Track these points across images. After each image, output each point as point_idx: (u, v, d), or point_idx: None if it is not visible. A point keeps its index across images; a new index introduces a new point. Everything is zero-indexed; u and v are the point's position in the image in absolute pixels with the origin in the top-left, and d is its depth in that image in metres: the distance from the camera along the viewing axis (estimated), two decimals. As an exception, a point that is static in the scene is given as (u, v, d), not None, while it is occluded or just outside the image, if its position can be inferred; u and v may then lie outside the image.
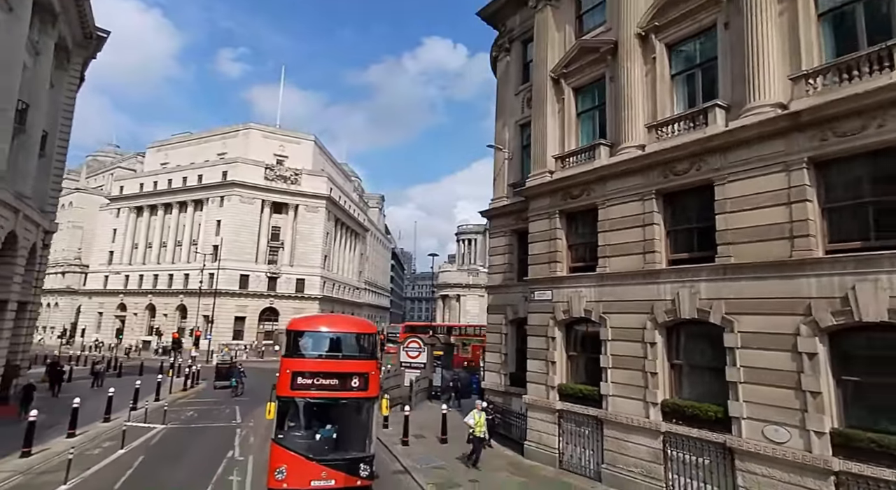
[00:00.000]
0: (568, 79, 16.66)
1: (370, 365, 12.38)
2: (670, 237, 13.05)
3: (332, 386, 11.75)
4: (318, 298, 68.62)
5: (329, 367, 11.90)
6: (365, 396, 12.04)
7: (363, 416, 12.17)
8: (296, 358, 12.06)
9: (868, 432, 9.00)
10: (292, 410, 11.84)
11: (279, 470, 11.04)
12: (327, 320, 14.91)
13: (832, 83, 10.12)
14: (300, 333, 12.55)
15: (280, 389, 11.67)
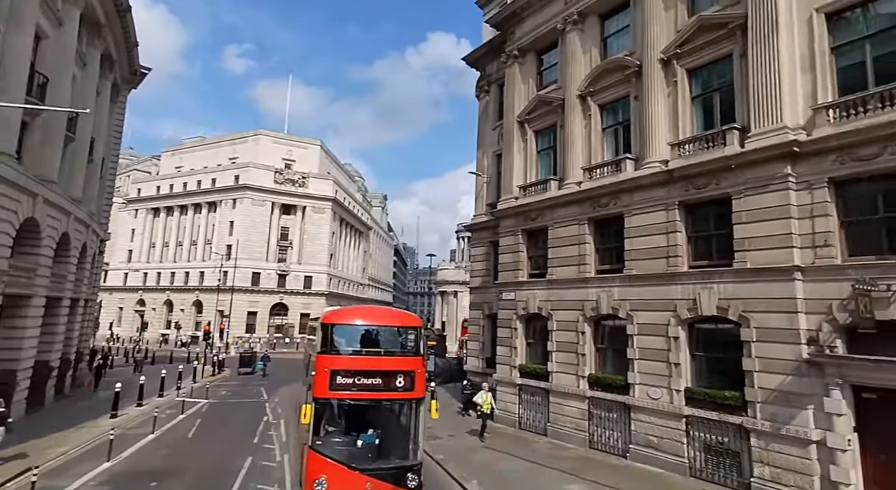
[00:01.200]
0: (530, 123, 21.06)
1: (416, 362, 11.08)
2: (598, 253, 17.48)
3: (375, 386, 10.50)
4: (325, 294, 73.20)
5: (372, 366, 10.63)
6: (412, 397, 10.82)
7: (409, 419, 11.03)
8: (333, 355, 10.71)
9: (704, 389, 13.50)
10: (330, 414, 10.79)
11: (318, 482, 9.83)
12: (367, 313, 13.12)
13: (696, 150, 14.52)
14: (337, 327, 11.16)
15: (317, 390, 10.30)
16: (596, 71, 18.13)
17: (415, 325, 11.94)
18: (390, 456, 10.94)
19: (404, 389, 10.71)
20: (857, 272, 10.91)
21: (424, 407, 11.02)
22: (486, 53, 24.77)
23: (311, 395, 10.40)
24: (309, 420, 10.17)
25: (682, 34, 15.43)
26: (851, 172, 11.50)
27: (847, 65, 12.22)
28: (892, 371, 10.34)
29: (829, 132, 11.79)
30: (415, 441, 10.89)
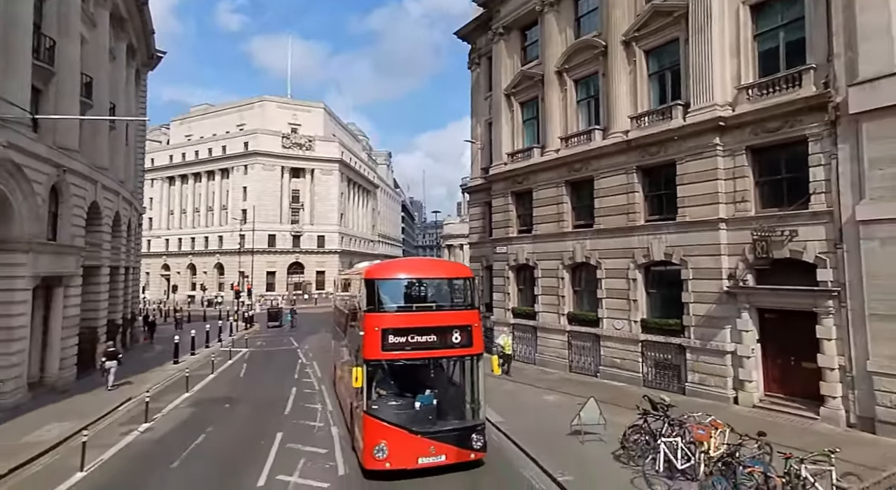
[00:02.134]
0: (515, 96, 23.58)
1: (472, 316, 10.58)
2: (574, 211, 20.51)
3: (430, 343, 10.00)
4: (338, 252, 77.15)
5: (426, 322, 10.13)
6: (470, 353, 10.37)
7: (469, 376, 10.62)
8: (383, 313, 10.11)
9: (655, 319, 16.91)
10: (383, 375, 10.47)
11: (378, 448, 9.39)
12: (412, 265, 12.72)
13: (650, 122, 17.23)
14: (383, 283, 10.60)
15: (368, 351, 9.82)
16: (570, 49, 20.50)
17: (466, 276, 11.25)
18: (451, 417, 10.42)
19: (462, 346, 10.18)
20: (763, 222, 13.96)
21: (481, 363, 10.49)
22: (475, 28, 26.85)
23: (362, 356, 9.84)
24: (361, 383, 9.61)
25: (639, 19, 17.77)
26: (763, 141, 14.31)
27: (766, 50, 14.74)
28: (784, 296, 13.60)
29: (747, 109, 14.51)
30: (476, 400, 10.44)
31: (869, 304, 11.76)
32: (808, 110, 13.17)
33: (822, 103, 12.83)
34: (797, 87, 13.49)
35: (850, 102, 12.18)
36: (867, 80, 11.88)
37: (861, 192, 12.03)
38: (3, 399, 14.46)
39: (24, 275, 15.35)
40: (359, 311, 11.01)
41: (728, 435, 9.75)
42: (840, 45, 12.53)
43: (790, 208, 13.68)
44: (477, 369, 10.52)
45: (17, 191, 14.82)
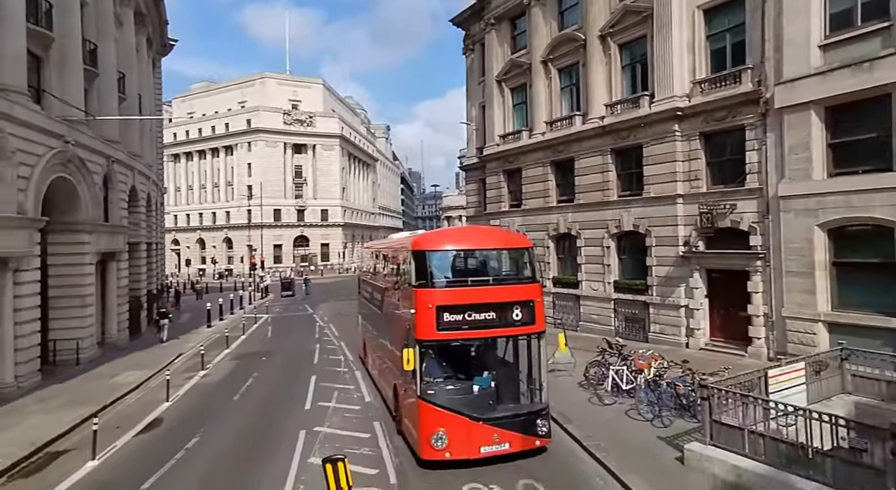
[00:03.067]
0: (506, 82, 25.92)
1: (534, 290, 9.61)
2: (558, 187, 23.20)
3: (488, 321, 9.15)
4: (341, 225, 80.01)
5: (484, 298, 9.24)
6: (532, 331, 9.46)
7: (531, 356, 9.76)
8: (437, 288, 9.17)
9: (625, 280, 19.87)
10: (438, 356, 9.59)
11: (437, 436, 8.67)
12: (464, 235, 11.69)
13: (622, 110, 19.75)
14: (435, 255, 9.62)
15: (421, 331, 8.95)
16: (554, 41, 22.78)
17: (524, 246, 10.29)
18: (511, 401, 9.71)
19: (523, 323, 9.25)
20: (711, 197, 16.73)
21: (544, 342, 9.57)
22: (469, 16, 28.84)
23: (413, 336, 8.98)
24: (414, 366, 8.81)
25: (613, 16, 20.03)
26: (712, 128, 16.92)
27: (716, 49, 17.17)
28: (726, 258, 16.51)
29: (700, 100, 17.05)
30: (539, 381, 9.56)
31: (785, 263, 14.64)
32: (746, 103, 15.73)
33: (756, 98, 15.39)
34: (738, 84, 16.00)
35: (776, 98, 14.75)
36: (789, 80, 14.42)
37: (782, 172, 14.74)
38: (83, 354, 17.53)
39: (90, 251, 18.21)
40: (404, 287, 10.15)
41: (665, 365, 12.77)
42: (770, 50, 14.99)
43: (732, 186, 16.42)
44: (539, 348, 9.49)
45: (82, 182, 17.51)
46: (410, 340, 9.15)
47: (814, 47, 14.04)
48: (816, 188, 13.98)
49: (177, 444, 10.55)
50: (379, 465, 9.30)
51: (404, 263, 10.58)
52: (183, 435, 11.12)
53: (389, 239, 16.55)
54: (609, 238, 20.31)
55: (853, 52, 13.23)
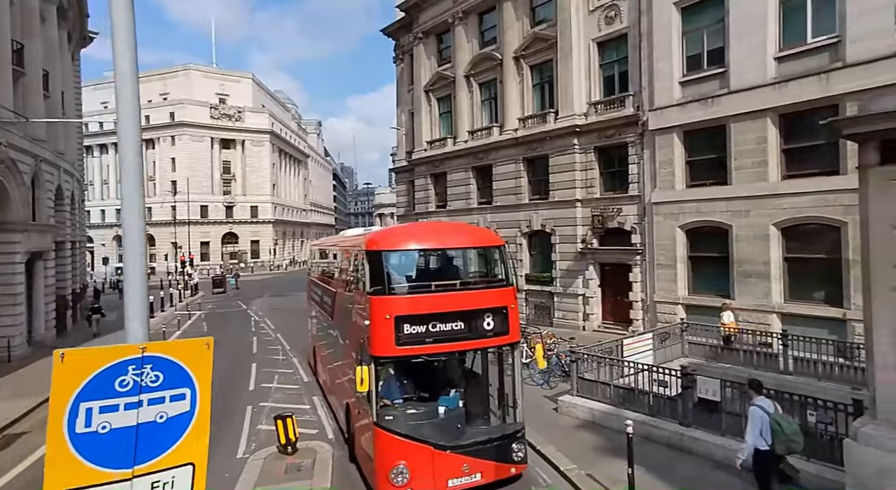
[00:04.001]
0: (433, 92, 28.13)
1: (507, 295, 8.34)
2: (478, 191, 25.74)
3: (456, 333, 7.80)
4: (272, 222, 79.10)
5: (451, 305, 7.83)
6: (506, 342, 8.23)
7: (503, 371, 8.66)
8: (395, 295, 7.77)
9: (535, 273, 22.73)
10: (397, 375, 8.34)
11: (397, 470, 7.33)
12: (428, 231, 10.17)
13: (533, 124, 22.53)
14: (393, 256, 8.26)
15: (377, 346, 7.52)
16: (475, 59, 25.24)
17: (496, 244, 8.84)
18: (484, 422, 8.62)
19: (495, 333, 7.99)
20: (603, 202, 19.82)
21: (518, 353, 8.45)
22: (399, 28, 30.74)
23: (368, 352, 7.59)
24: (368, 387, 7.37)
25: (525, 41, 22.76)
26: (604, 144, 20.02)
27: (607, 76, 20.29)
28: (614, 254, 19.67)
29: (594, 119, 20.10)
30: (513, 398, 8.38)
31: (657, 257, 17.93)
32: (628, 124, 18.91)
33: (635, 120, 18.58)
34: (623, 107, 19.17)
35: (650, 122, 17.98)
36: (658, 108, 17.67)
37: (655, 183, 18.01)
38: (14, 351, 17.78)
39: (20, 251, 18.40)
40: (357, 293, 8.65)
41: (556, 342, 15.49)
42: (646, 82, 18.21)
43: (619, 193, 19.60)
44: (513, 361, 8.32)
45: (13, 182, 17.71)
46: (364, 357, 7.66)
47: (676, 83, 17.35)
48: (678, 196, 17.31)
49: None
50: (318, 427, 11.17)
51: (357, 265, 8.97)
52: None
53: (341, 236, 14.60)
54: (521, 236, 23.09)
55: (701, 89, 16.61)
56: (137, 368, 2.59)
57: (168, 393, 2.66)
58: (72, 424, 2.42)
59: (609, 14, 19.78)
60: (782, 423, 6.47)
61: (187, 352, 2.80)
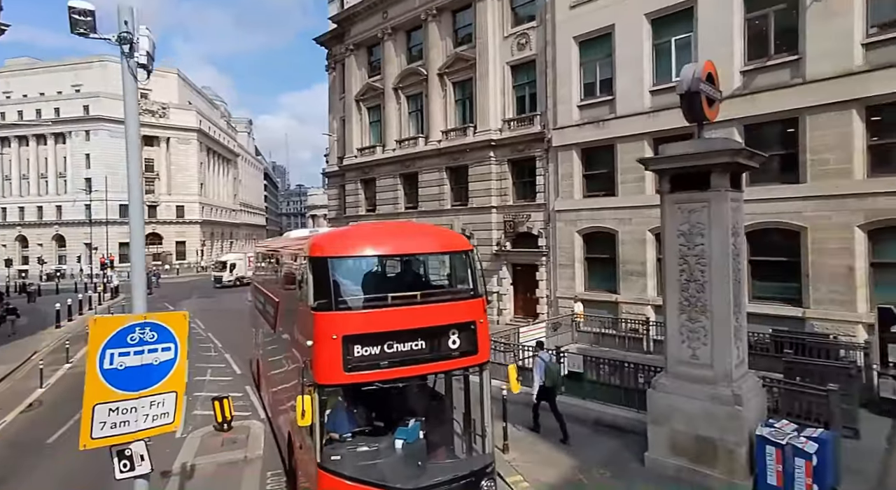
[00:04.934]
0: (364, 102, 29.58)
1: (475, 308, 7.16)
2: (406, 196, 27.51)
3: (415, 354, 6.60)
4: (199, 222, 76.64)
5: (411, 321, 6.62)
6: (474, 363, 7.07)
7: (469, 395, 7.57)
8: (344, 311, 6.50)
9: (455, 273, 24.83)
10: (344, 405, 7.00)
11: None
12: (385, 233, 8.25)
13: (454, 136, 24.60)
14: (342, 263, 6.93)
15: (322, 372, 6.35)
16: (403, 73, 27.00)
17: (464, 248, 7.63)
18: (448, 455, 7.58)
19: (462, 353, 6.90)
20: (515, 209, 22.20)
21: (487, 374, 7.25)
22: (331, 38, 31.88)
23: (312, 378, 6.41)
24: (311, 420, 6.19)
25: (448, 59, 24.81)
26: (516, 157, 22.42)
27: (519, 96, 22.74)
28: (524, 256, 22.09)
29: (508, 135, 22.46)
30: (481, 426, 7.38)
31: (559, 258, 20.51)
32: (536, 140, 21.39)
33: (542, 137, 21.09)
34: (532, 125, 21.65)
35: (553, 139, 20.54)
36: (560, 127, 20.27)
37: (557, 192, 20.58)
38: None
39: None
40: (301, 307, 7.40)
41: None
42: (550, 103, 20.76)
43: (528, 201, 22.06)
44: (483, 384, 7.20)
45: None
46: (307, 383, 6.41)
47: (574, 106, 20.00)
48: (576, 205, 19.96)
49: (66, 415, 12.41)
50: (252, 410, 12.47)
51: (300, 274, 7.68)
52: (68, 410, 12.77)
53: (285, 237, 13.40)
54: (445, 239, 25.07)
55: (594, 112, 19.34)
56: (141, 329, 4.12)
57: (160, 346, 4.20)
58: (101, 363, 3.92)
59: (521, 41, 22.22)
60: (551, 367, 10.11)
61: (172, 320, 4.35)
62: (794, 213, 14.57)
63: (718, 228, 7.78)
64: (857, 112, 13.53)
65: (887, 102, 13.12)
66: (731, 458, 7.48)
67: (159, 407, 4.12)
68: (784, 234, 14.92)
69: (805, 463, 6.80)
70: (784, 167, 15.07)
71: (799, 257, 14.57)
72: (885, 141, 13.40)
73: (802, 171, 14.56)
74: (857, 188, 13.46)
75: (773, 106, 14.99)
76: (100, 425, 3.87)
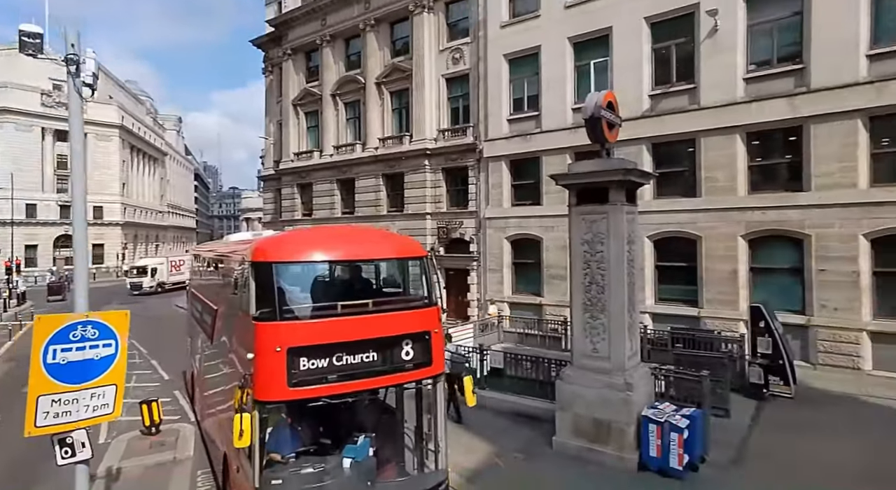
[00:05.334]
0: (301, 107, 29.58)
1: (430, 317, 6.85)
2: (342, 201, 27.79)
3: (368, 366, 6.26)
4: (120, 224, 72.24)
5: (361, 331, 6.24)
6: (429, 375, 6.74)
7: (422, 408, 7.33)
8: (290, 320, 6.10)
9: (391, 277, 25.43)
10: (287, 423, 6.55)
11: None
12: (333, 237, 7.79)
13: (391, 144, 25.23)
14: (287, 269, 6.61)
15: (264, 388, 5.84)
16: (341, 80, 27.34)
17: (418, 255, 7.37)
18: (398, 473, 7.24)
19: (416, 365, 6.58)
20: (449, 216, 23.13)
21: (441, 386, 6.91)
22: (269, 41, 31.60)
23: (251, 395, 5.82)
24: (250, 440, 5.59)
25: (386, 69, 25.46)
26: (450, 166, 23.40)
27: (454, 108, 23.78)
28: (456, 261, 23.04)
29: (442, 144, 23.41)
30: (434, 441, 7.03)
31: (489, 263, 21.64)
32: (469, 151, 22.47)
33: (474, 148, 22.19)
34: (465, 136, 22.72)
35: (484, 150, 21.69)
36: (491, 139, 21.46)
37: (488, 201, 21.73)
38: None
39: None
40: (241, 316, 6.85)
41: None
42: (482, 116, 21.92)
43: (461, 208, 23.08)
44: (436, 397, 6.92)
45: None
46: (246, 401, 5.78)
47: (504, 119, 21.25)
48: (505, 213, 21.18)
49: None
50: (181, 414, 12.45)
51: (241, 280, 7.14)
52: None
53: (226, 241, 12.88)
54: (381, 244, 25.60)
55: (522, 126, 20.68)
56: (83, 327, 4.49)
57: (101, 342, 4.59)
58: (45, 357, 4.27)
59: (455, 55, 23.27)
60: (455, 358, 11.37)
61: (113, 318, 4.75)
62: (691, 223, 16.43)
63: (615, 237, 8.97)
64: (740, 137, 15.55)
65: (763, 130, 15.22)
66: (621, 437, 8.63)
67: (100, 398, 4.48)
68: (685, 242, 16.75)
69: (678, 436, 8.04)
70: (685, 182, 16.95)
71: (696, 263, 16.43)
72: (762, 163, 15.51)
73: (699, 187, 16.45)
74: (739, 203, 15.45)
75: (676, 128, 16.84)
76: (43, 415, 4.21)
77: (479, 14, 21.93)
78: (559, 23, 19.45)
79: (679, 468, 8.07)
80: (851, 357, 13.43)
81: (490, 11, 21.45)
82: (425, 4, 23.55)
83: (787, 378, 11.72)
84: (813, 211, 14.16)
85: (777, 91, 14.86)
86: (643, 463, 8.43)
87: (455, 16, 23.55)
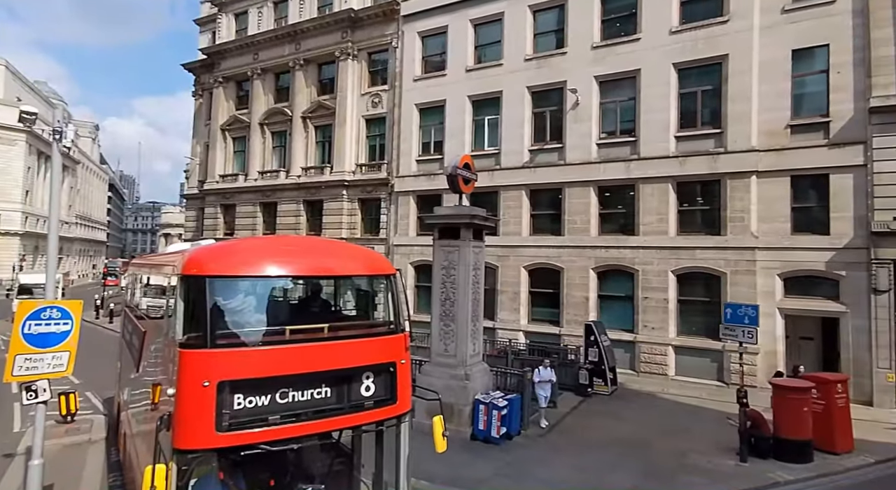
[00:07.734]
0: (229, 132, 31.23)
1: (397, 345, 5.83)
2: (264, 224, 29.49)
3: (319, 404, 5.16)
4: (20, 234, 67.85)
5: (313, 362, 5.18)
6: (393, 415, 5.70)
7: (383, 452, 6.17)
8: (223, 348, 4.87)
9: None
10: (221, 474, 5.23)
11: None
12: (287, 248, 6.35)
13: (313, 173, 27.51)
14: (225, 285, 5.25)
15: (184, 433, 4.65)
16: (270, 111, 29.44)
17: (385, 272, 6.20)
18: None
19: (378, 402, 5.54)
20: (363, 241, 25.61)
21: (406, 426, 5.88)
22: (200, 67, 33.09)
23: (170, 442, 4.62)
24: None
25: (312, 105, 27.94)
26: (366, 196, 26.05)
27: (372, 145, 26.62)
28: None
29: (359, 177, 26.06)
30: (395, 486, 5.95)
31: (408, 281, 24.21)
32: (382, 184, 25.27)
33: (387, 182, 25.04)
34: (380, 171, 25.54)
35: (395, 185, 24.59)
36: (401, 176, 24.43)
37: (396, 230, 24.51)
38: None
39: None
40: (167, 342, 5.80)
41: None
42: (395, 155, 24.88)
43: (373, 235, 25.68)
44: (399, 439, 5.87)
45: None
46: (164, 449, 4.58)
47: (413, 159, 24.33)
48: (410, 241, 24.03)
49: None
50: (93, 408, 13.81)
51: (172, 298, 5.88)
52: None
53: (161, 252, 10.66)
54: (299, 265, 27.52)
55: (428, 167, 23.83)
56: (50, 310, 6.58)
57: (62, 320, 6.67)
58: (23, 329, 6.32)
59: (374, 99, 26.24)
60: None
61: (70, 305, 6.85)
62: (557, 257, 20.04)
63: (464, 265, 11.94)
64: (593, 189, 19.50)
65: (610, 185, 19.25)
66: (461, 415, 11.41)
67: (58, 359, 6.50)
68: (552, 273, 20.30)
69: (497, 413, 10.93)
70: (554, 223, 20.62)
71: (559, 290, 19.98)
72: (608, 211, 19.50)
73: (563, 227, 20.17)
74: (591, 242, 19.27)
75: (548, 178, 20.58)
76: (18, 367, 6.18)
77: (396, 67, 25.13)
78: (461, 83, 23.00)
79: (497, 437, 10.95)
80: (661, 365, 17.28)
81: (405, 66, 24.72)
82: (350, 52, 26.47)
83: (607, 380, 15.17)
84: (640, 251, 18.17)
85: (618, 156, 19.00)
86: (474, 434, 11.23)
87: (376, 65, 26.64)
